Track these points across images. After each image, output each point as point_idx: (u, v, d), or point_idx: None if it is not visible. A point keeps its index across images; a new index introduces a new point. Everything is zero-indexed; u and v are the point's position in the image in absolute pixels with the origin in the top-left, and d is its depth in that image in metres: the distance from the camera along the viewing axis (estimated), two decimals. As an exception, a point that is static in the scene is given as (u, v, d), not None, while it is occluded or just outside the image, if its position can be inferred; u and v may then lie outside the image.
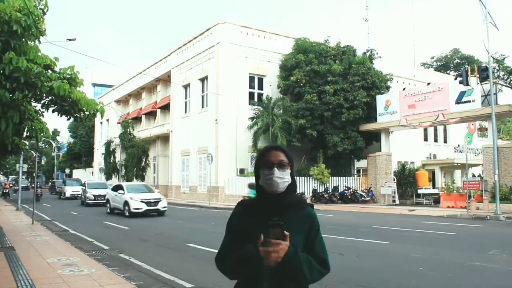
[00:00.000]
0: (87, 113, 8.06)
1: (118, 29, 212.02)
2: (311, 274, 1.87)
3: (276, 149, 2.03)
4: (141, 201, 18.85)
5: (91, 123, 54.64)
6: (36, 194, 22.39)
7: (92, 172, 55.58)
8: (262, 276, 1.86)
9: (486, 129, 29.65)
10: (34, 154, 28.57)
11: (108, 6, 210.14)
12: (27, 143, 12.41)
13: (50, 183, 49.74)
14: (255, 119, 27.23)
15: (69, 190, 35.70)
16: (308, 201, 24.15)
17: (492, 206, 18.91)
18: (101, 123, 52.87)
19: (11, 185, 44.92)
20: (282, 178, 1.94)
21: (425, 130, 34.79)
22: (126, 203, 19.14)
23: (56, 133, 67.84)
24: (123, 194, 19.60)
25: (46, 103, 8.02)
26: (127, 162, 37.07)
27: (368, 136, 27.70)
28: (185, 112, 34.18)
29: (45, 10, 7.63)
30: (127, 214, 18.83)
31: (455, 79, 27.73)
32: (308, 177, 26.68)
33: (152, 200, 19.17)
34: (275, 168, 1.94)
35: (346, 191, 26.79)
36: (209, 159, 26.46)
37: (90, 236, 12.22)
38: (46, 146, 73.61)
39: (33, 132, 8.51)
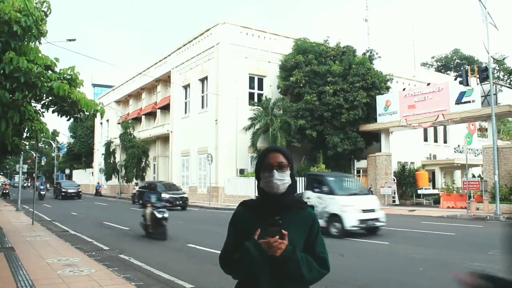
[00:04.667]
0: (87, 113, 8.08)
1: (118, 29, 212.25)
2: (310, 273, 1.88)
3: (275, 151, 2.04)
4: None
5: (90, 123, 54.67)
6: None
7: (92, 173, 55.58)
8: (262, 276, 1.87)
9: (486, 130, 29.65)
10: (34, 155, 28.39)
11: (109, 6, 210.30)
12: (27, 143, 12.40)
13: (135, 187, 33.29)
14: (252, 121, 27.24)
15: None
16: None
17: (492, 207, 18.90)
18: (101, 123, 52.88)
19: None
20: (282, 180, 1.96)
21: (425, 130, 34.77)
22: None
23: (56, 133, 67.82)
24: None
25: (46, 103, 8.02)
26: (127, 163, 37.09)
27: (368, 137, 27.69)
28: (185, 112, 34.18)
29: (47, 13, 7.63)
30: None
31: (455, 79, 27.79)
32: (308, 178, 26.64)
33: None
34: (275, 171, 1.96)
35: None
36: (209, 160, 26.45)
37: (90, 237, 12.21)
38: (46, 146, 73.60)
39: (33, 133, 8.51)
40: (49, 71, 7.67)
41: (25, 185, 70.10)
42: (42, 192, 34.13)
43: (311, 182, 13.72)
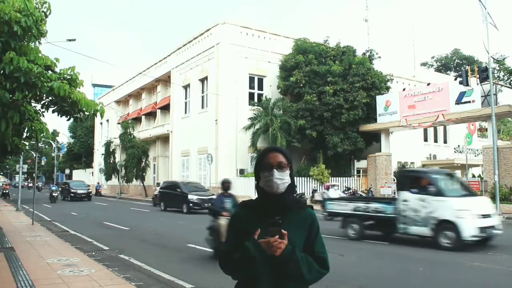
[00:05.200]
0: (87, 113, 8.07)
1: (118, 29, 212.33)
2: (310, 273, 1.89)
3: (275, 151, 2.05)
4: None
5: (89, 123, 54.68)
6: None
7: (92, 173, 55.59)
8: (262, 276, 1.87)
9: (486, 130, 29.66)
10: (34, 155, 28.28)
11: (109, 7, 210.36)
12: (27, 143, 12.40)
13: (156, 188, 28.99)
14: (252, 121, 27.24)
15: None
16: (308, 201, 24.17)
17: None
18: (101, 123, 52.90)
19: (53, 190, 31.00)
20: (281, 179, 1.97)
21: (425, 130, 34.79)
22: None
23: (56, 133, 67.83)
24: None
25: (46, 103, 8.02)
26: (127, 163, 37.07)
27: (368, 137, 27.70)
28: (185, 112, 34.18)
29: (47, 13, 7.64)
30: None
31: (455, 79, 27.79)
32: (308, 178, 26.67)
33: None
34: (275, 170, 1.96)
35: (346, 192, 26.77)
36: (209, 160, 26.43)
37: (90, 237, 12.21)
38: (46, 146, 73.61)
39: (33, 133, 8.51)
40: (49, 71, 7.66)
41: (30, 185, 67.57)
42: (54, 194, 31.02)
43: (408, 180, 11.34)
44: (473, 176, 25.32)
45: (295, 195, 2.10)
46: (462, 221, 9.61)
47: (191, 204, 20.77)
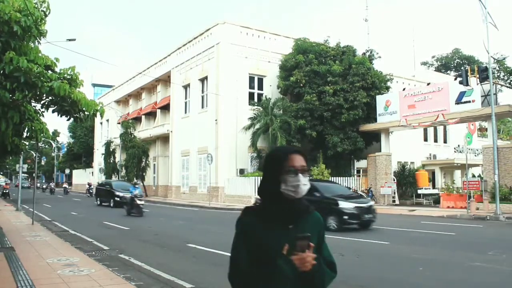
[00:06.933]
0: (87, 113, 8.06)
1: (118, 29, 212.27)
2: (328, 280, 1.86)
3: (298, 153, 1.91)
4: None
5: (89, 123, 54.54)
6: None
7: (92, 173, 55.60)
8: None
9: (486, 130, 29.66)
10: (34, 155, 28.22)
11: (108, 7, 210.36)
12: (27, 143, 12.38)
13: None
14: (252, 121, 27.23)
15: None
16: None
17: (492, 206, 18.90)
18: (101, 123, 52.92)
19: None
20: (306, 184, 1.86)
21: (425, 130, 34.78)
22: None
23: (56, 133, 67.77)
24: None
25: (46, 103, 8.01)
26: (127, 163, 37.09)
27: (368, 137, 27.70)
28: (185, 112, 34.19)
29: (47, 13, 7.64)
30: None
31: (455, 79, 27.75)
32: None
33: None
34: (300, 175, 1.84)
35: (346, 192, 26.76)
36: (209, 159, 26.44)
37: (90, 237, 12.21)
38: (46, 146, 73.59)
39: (33, 133, 8.51)
40: (49, 71, 7.66)
41: (44, 186, 56.23)
42: (139, 202, 18.87)
43: None
44: (473, 176, 25.29)
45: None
46: None
47: (345, 217, 13.22)
